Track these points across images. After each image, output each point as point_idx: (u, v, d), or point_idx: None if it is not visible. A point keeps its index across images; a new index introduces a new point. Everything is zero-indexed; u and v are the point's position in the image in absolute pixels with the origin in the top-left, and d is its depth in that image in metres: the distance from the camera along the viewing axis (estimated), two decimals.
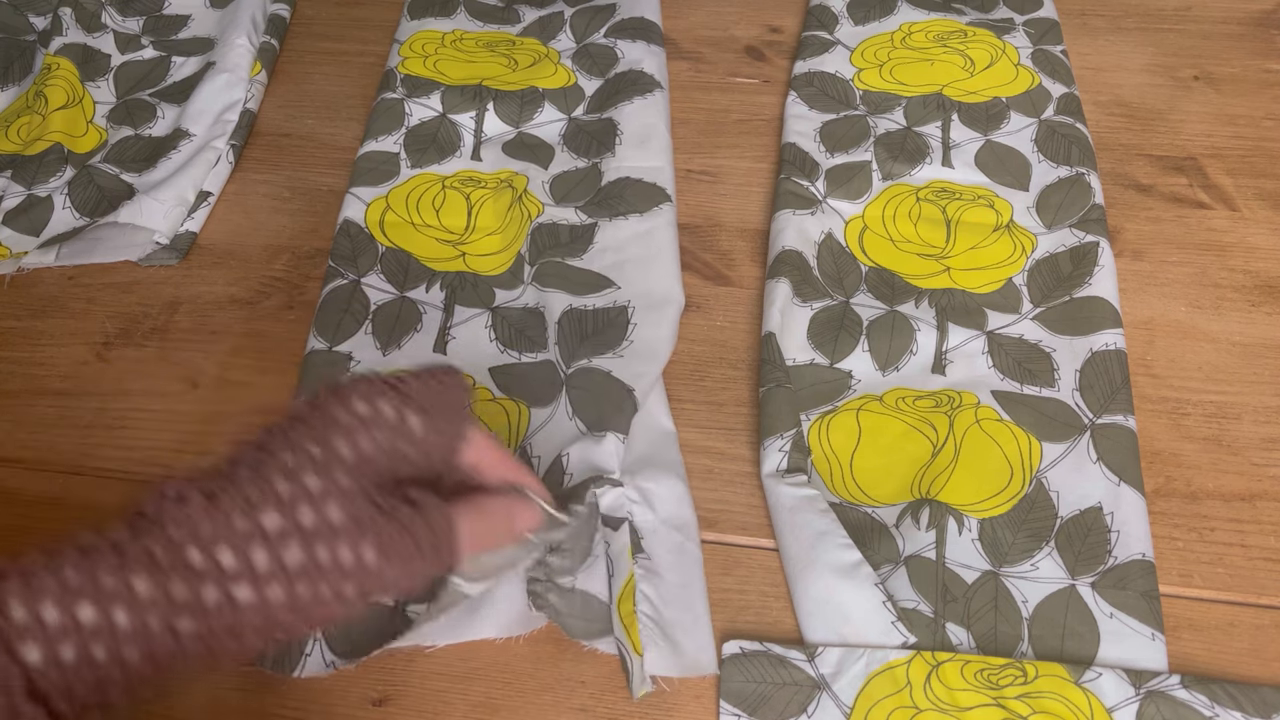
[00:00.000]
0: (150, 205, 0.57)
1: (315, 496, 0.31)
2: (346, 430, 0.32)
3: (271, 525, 0.30)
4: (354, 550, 0.31)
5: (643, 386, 0.48)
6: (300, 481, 0.31)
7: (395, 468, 0.33)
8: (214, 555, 0.29)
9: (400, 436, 0.33)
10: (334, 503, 0.31)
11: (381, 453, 0.33)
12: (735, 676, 0.41)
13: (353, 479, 0.32)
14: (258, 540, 0.30)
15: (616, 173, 0.58)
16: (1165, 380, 0.50)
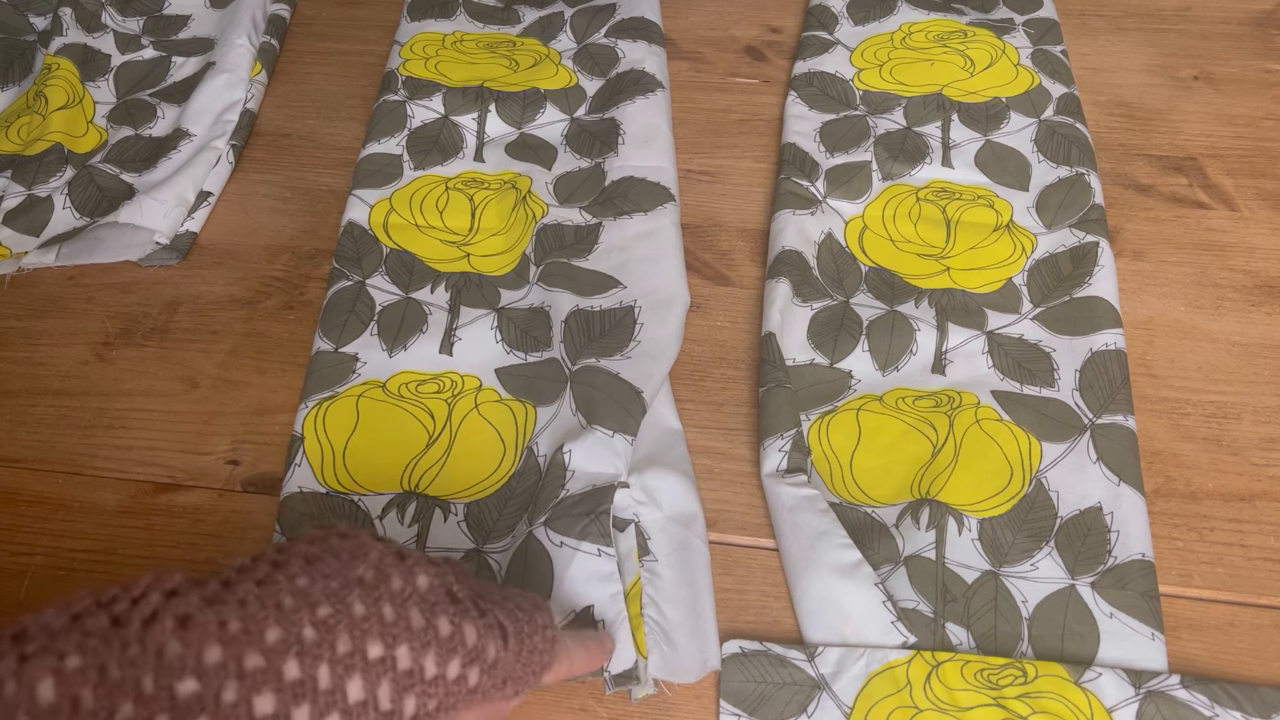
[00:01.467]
0: (150, 205, 0.57)
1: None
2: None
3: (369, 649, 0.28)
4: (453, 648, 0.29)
5: (650, 387, 0.48)
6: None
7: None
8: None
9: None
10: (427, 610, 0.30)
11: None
12: (735, 676, 0.41)
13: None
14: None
15: (620, 172, 0.58)
16: (1165, 380, 0.50)
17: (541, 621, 0.33)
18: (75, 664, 0.24)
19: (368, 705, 0.27)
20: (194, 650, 0.26)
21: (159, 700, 0.25)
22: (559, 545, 0.43)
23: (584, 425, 0.47)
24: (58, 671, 0.24)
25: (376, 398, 0.50)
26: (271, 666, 0.26)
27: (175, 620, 0.26)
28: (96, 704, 0.24)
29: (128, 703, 0.24)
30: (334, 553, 0.30)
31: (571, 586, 0.42)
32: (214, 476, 0.49)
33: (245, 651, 0.26)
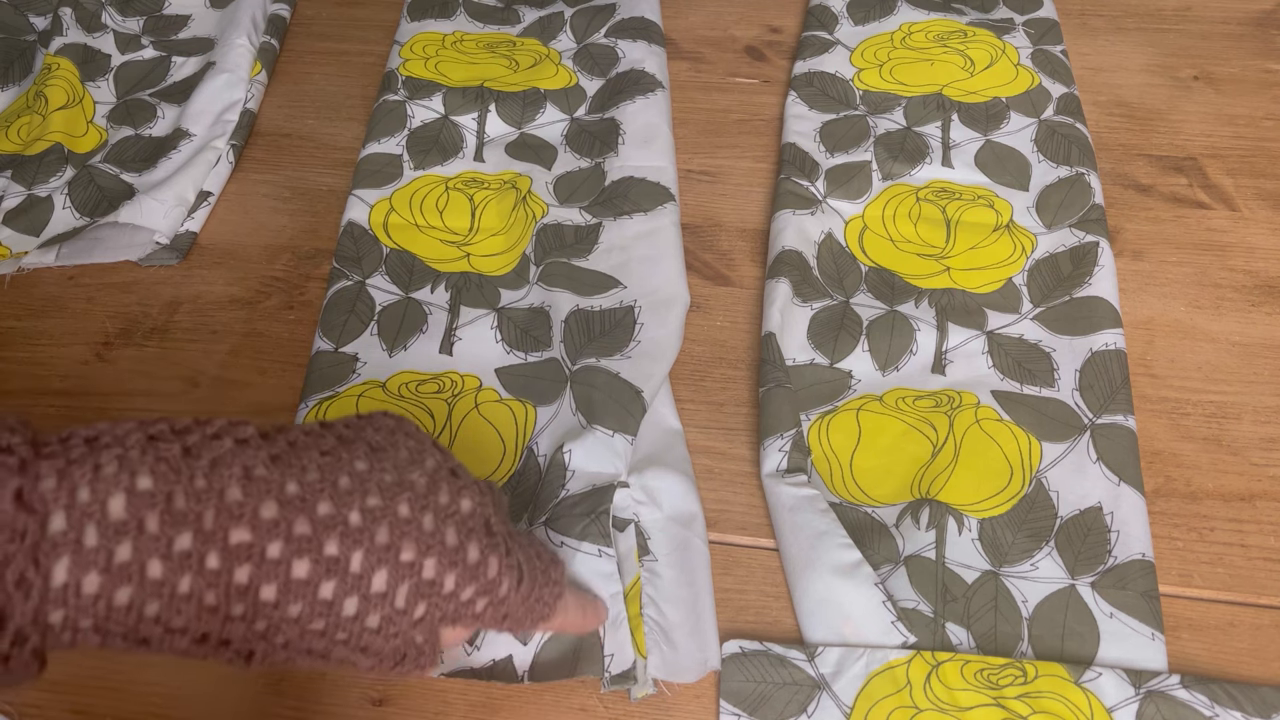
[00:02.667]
0: (150, 205, 0.57)
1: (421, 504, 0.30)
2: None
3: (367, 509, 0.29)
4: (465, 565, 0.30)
5: (650, 387, 0.48)
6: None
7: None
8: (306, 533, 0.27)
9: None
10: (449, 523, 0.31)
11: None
12: (735, 676, 0.41)
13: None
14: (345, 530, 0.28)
15: (620, 172, 0.58)
16: (1165, 380, 0.50)
17: (554, 576, 0.35)
18: (146, 486, 0.26)
19: (385, 598, 0.29)
20: (253, 503, 0.27)
21: (214, 540, 0.26)
22: (559, 545, 0.43)
23: (584, 425, 0.47)
24: (130, 490, 0.25)
25: (377, 398, 0.50)
26: (316, 537, 0.28)
27: (242, 469, 0.27)
28: (160, 530, 0.25)
29: (187, 534, 0.26)
30: (396, 448, 0.31)
31: None
32: None
33: (297, 517, 0.27)
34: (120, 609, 0.25)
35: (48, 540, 0.24)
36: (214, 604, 0.26)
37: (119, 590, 0.25)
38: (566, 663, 0.41)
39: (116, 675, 0.43)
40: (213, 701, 0.42)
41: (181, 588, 0.26)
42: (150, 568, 0.25)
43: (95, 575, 0.25)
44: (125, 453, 0.26)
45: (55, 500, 0.25)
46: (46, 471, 0.25)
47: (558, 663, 0.42)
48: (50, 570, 0.24)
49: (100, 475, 0.25)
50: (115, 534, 0.25)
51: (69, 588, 0.24)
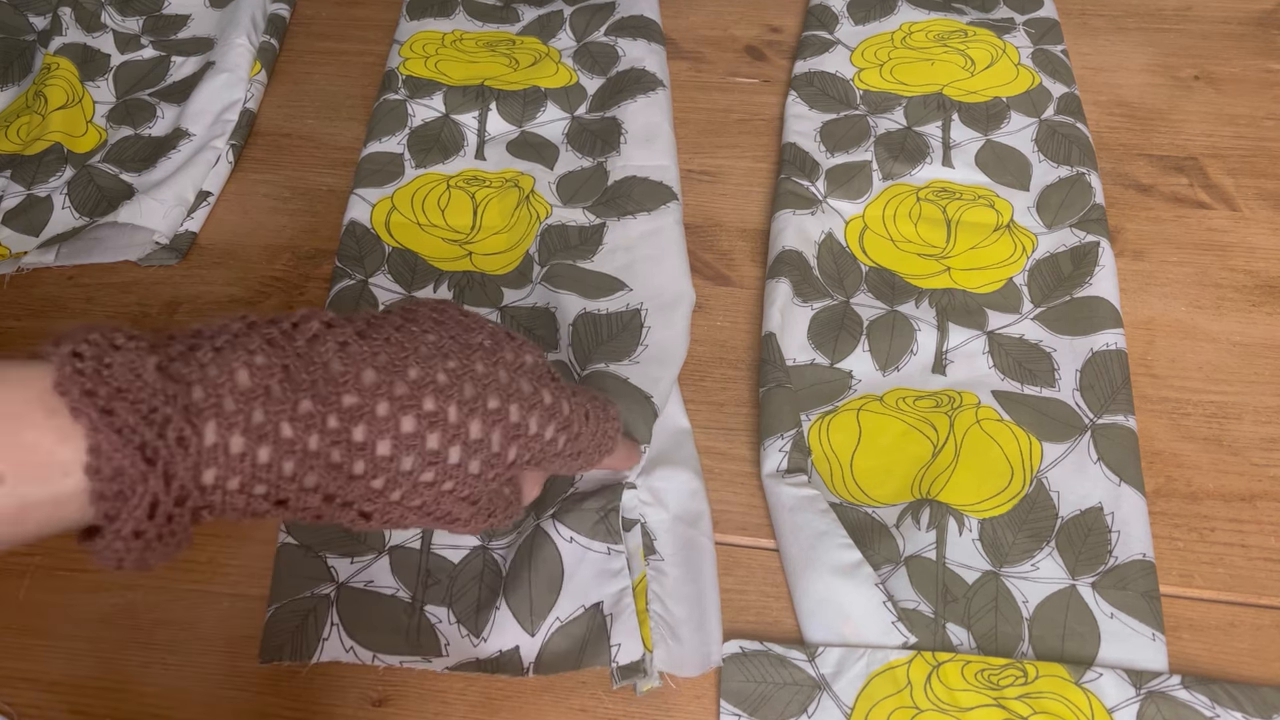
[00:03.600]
0: (150, 205, 0.57)
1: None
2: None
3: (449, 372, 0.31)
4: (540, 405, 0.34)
5: (660, 392, 0.48)
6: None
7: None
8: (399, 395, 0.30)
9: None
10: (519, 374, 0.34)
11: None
12: (736, 676, 0.41)
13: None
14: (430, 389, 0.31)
15: (623, 172, 0.58)
16: (1165, 380, 0.50)
17: (612, 413, 0.38)
18: (262, 361, 0.28)
19: (483, 444, 0.32)
20: (354, 370, 0.29)
21: (330, 403, 0.28)
22: (569, 540, 0.43)
23: None
24: (249, 364, 0.28)
25: None
26: (414, 395, 0.30)
27: (337, 344, 0.30)
28: (284, 395, 0.28)
29: (307, 399, 0.28)
30: (455, 320, 0.34)
31: (581, 583, 0.43)
32: None
33: (395, 380, 0.30)
34: (263, 466, 0.27)
35: (194, 406, 0.26)
36: (339, 461, 0.29)
37: (261, 448, 0.27)
38: (573, 654, 0.42)
39: (115, 675, 0.43)
40: (213, 702, 0.42)
41: (311, 445, 0.28)
42: (283, 428, 0.28)
43: (239, 435, 0.27)
44: (235, 337, 0.29)
45: (190, 374, 0.27)
46: (175, 352, 0.28)
47: (564, 654, 0.42)
48: (202, 431, 0.26)
49: (221, 355, 0.28)
50: (248, 400, 0.27)
51: (219, 447, 0.27)
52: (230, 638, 0.44)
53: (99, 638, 0.44)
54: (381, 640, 0.43)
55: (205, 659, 0.43)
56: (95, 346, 0.26)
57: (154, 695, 0.43)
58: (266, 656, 0.43)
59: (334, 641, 0.43)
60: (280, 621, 0.43)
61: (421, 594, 0.44)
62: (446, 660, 0.42)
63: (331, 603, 0.44)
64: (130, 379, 0.26)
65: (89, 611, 0.45)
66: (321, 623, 0.43)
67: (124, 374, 0.26)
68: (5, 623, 0.45)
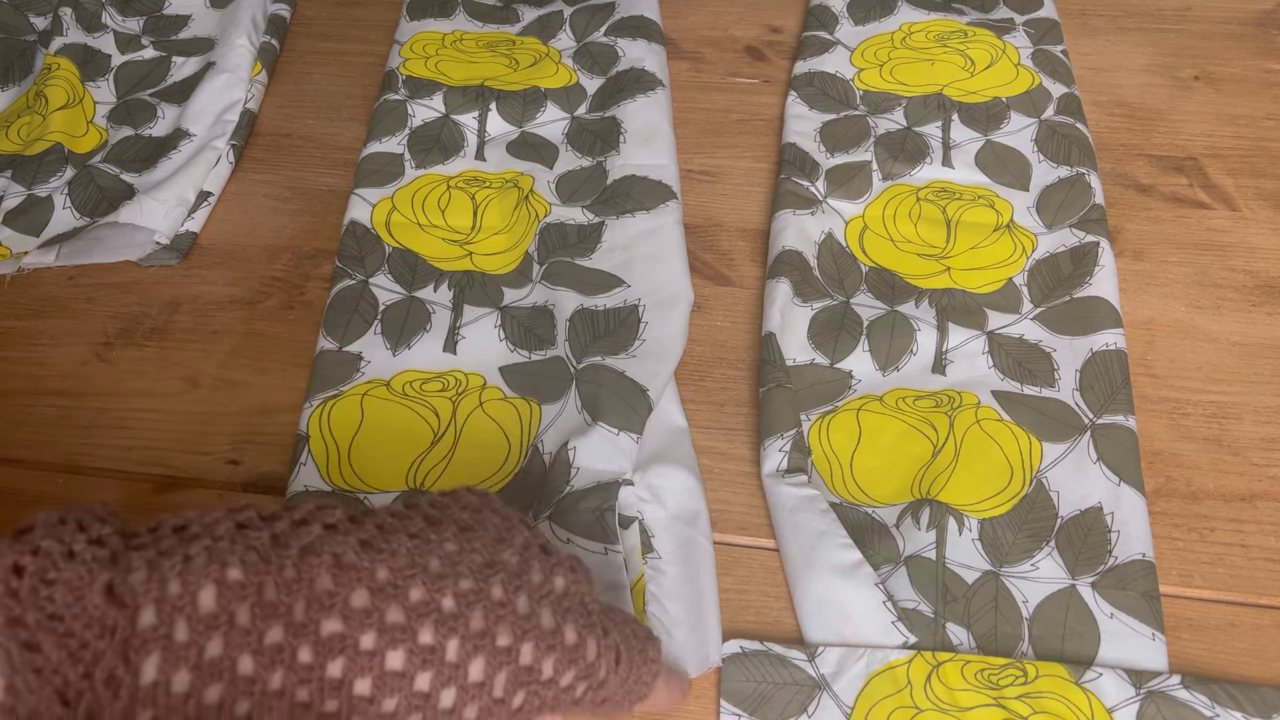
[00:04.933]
0: (150, 205, 0.57)
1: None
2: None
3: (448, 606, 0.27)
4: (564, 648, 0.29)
5: (656, 387, 0.48)
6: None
7: None
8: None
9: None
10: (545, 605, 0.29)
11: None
12: (735, 676, 0.41)
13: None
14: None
15: (622, 171, 0.58)
16: (1165, 380, 0.50)
17: (651, 655, 0.33)
18: (236, 577, 0.25)
19: (483, 688, 0.28)
20: (344, 592, 0.26)
21: (306, 632, 0.25)
22: (566, 542, 0.43)
23: (589, 423, 0.47)
24: (220, 582, 0.25)
25: (381, 396, 0.50)
26: (409, 626, 0.26)
27: (332, 556, 0.26)
28: (250, 623, 0.25)
29: (278, 627, 0.25)
30: (485, 526, 0.30)
31: None
32: (214, 476, 0.49)
33: (389, 605, 0.26)
34: (210, 708, 0.24)
35: (137, 636, 0.24)
36: (306, 700, 0.25)
37: (209, 688, 0.24)
38: None
39: None
40: None
41: (273, 684, 0.25)
42: (241, 663, 0.24)
43: (185, 673, 0.24)
44: (214, 543, 0.25)
45: (146, 593, 0.24)
46: (137, 564, 0.24)
47: None
48: (140, 667, 0.23)
49: (190, 566, 0.25)
50: (206, 628, 0.24)
51: (159, 686, 0.24)
52: None
53: None
54: None
55: None
56: (45, 558, 0.24)
57: None
58: None
59: None
60: None
61: None
62: None
63: None
64: (69, 602, 0.23)
65: None
66: None
67: (64, 596, 0.23)
68: None
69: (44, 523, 0.25)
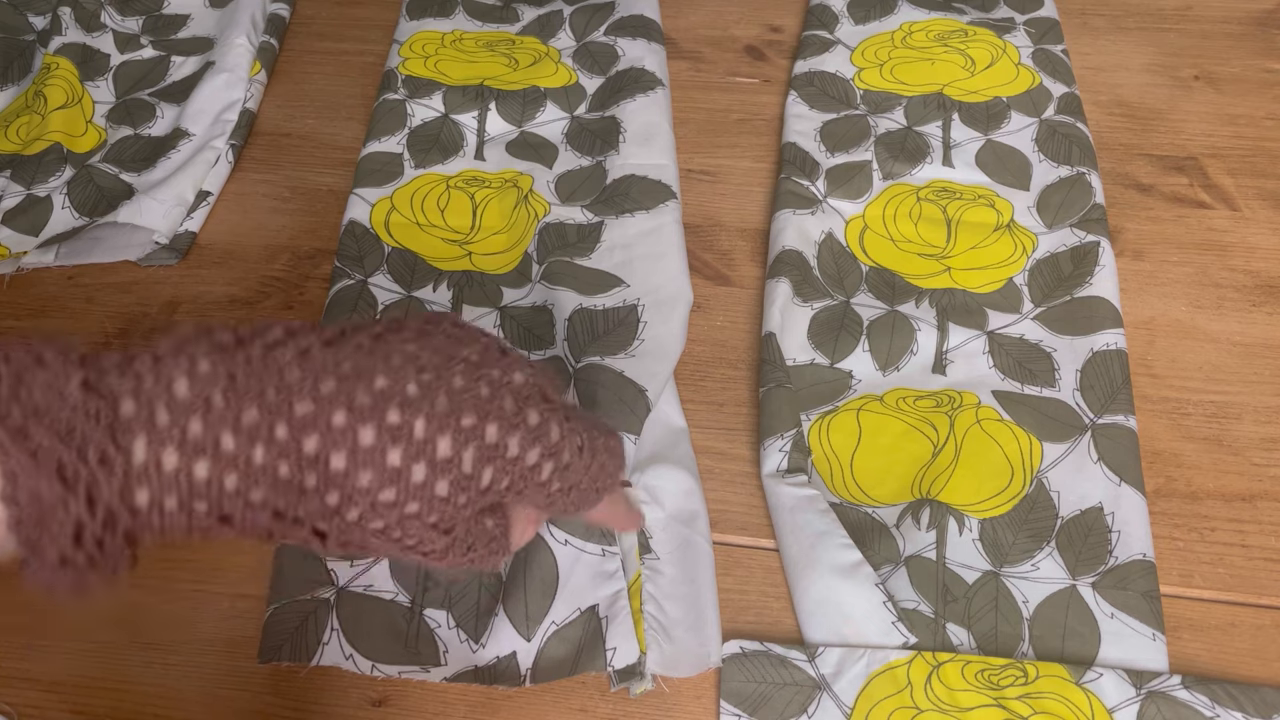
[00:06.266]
0: (149, 205, 0.57)
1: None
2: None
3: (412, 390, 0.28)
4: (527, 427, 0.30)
5: (655, 387, 0.48)
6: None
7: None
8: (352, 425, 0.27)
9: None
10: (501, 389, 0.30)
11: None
12: (736, 676, 0.41)
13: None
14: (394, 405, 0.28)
15: (621, 170, 0.58)
16: (1166, 380, 0.50)
17: (613, 446, 0.34)
18: (205, 369, 0.26)
19: (452, 463, 0.29)
20: (311, 379, 0.27)
21: (280, 412, 0.26)
22: (564, 543, 0.43)
23: None
24: (190, 373, 0.26)
25: None
26: (377, 407, 0.28)
27: (297, 350, 0.28)
28: (226, 405, 0.26)
29: (253, 408, 0.26)
30: (444, 332, 0.31)
31: (576, 586, 0.43)
32: None
33: (356, 388, 0.28)
34: (200, 483, 0.26)
35: (121, 422, 0.25)
36: (288, 475, 0.27)
37: (197, 463, 0.26)
38: (569, 660, 0.42)
39: (116, 676, 0.43)
40: (212, 702, 0.42)
41: (256, 458, 0.26)
42: (223, 440, 0.26)
43: (172, 450, 0.25)
44: (180, 343, 0.27)
45: (121, 387, 0.25)
46: (107, 364, 0.26)
47: (560, 660, 0.42)
48: (129, 448, 0.25)
49: (160, 363, 0.26)
50: (184, 412, 0.25)
51: (149, 464, 0.25)
52: (230, 638, 0.44)
53: (99, 638, 0.44)
54: (380, 648, 0.43)
55: (205, 659, 0.43)
56: (15, 365, 0.25)
57: (154, 695, 0.43)
58: (265, 656, 0.43)
59: (333, 647, 0.43)
60: (279, 621, 0.43)
61: (421, 598, 0.44)
62: (445, 670, 0.42)
63: (331, 607, 0.44)
64: (50, 397, 0.24)
65: (89, 612, 0.45)
66: (321, 626, 0.43)
67: (43, 393, 0.24)
68: (5, 623, 0.45)
69: (5, 343, 0.25)
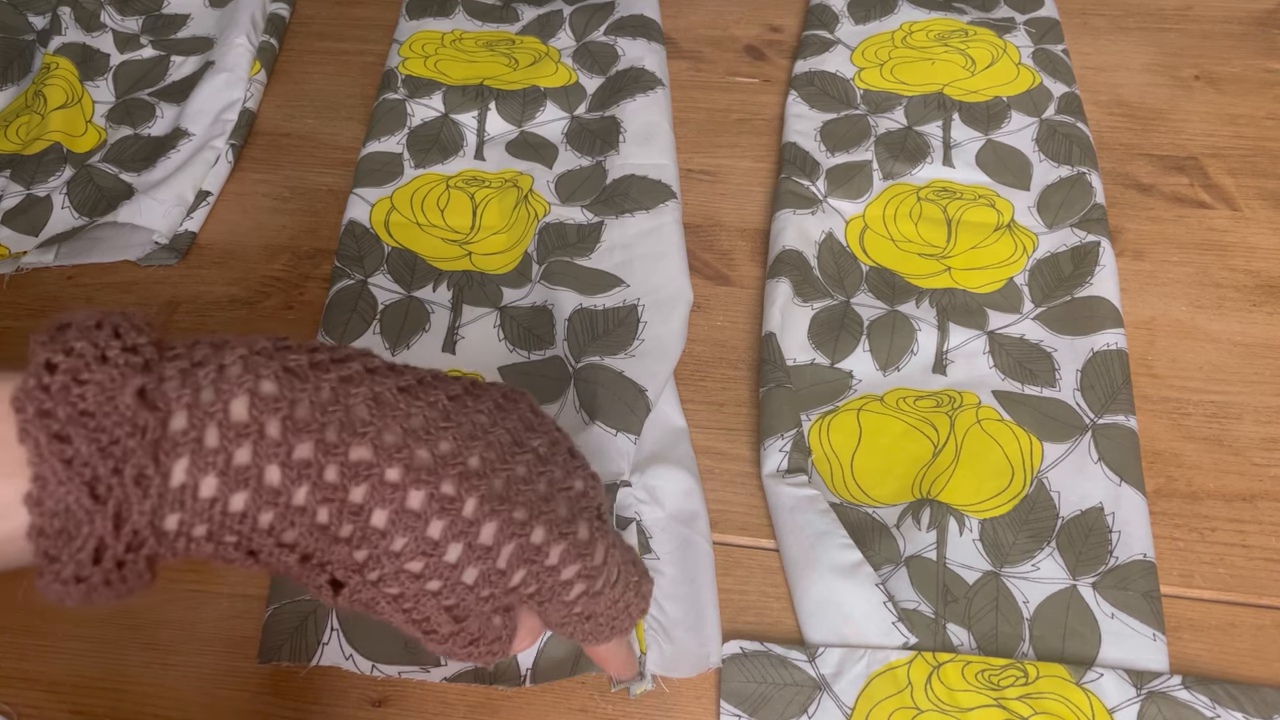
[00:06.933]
0: (149, 205, 0.57)
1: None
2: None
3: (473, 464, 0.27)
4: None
5: (655, 387, 0.48)
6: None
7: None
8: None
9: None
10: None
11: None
12: (736, 677, 0.41)
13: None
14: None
15: (621, 170, 0.58)
16: (1166, 380, 0.50)
17: (644, 590, 0.33)
18: (270, 390, 0.25)
19: (490, 553, 0.27)
20: (378, 425, 0.26)
21: (335, 453, 0.25)
22: None
23: (586, 422, 0.47)
24: (253, 393, 0.25)
25: None
26: (436, 472, 0.26)
27: (370, 391, 0.26)
28: (281, 436, 0.24)
29: (308, 443, 0.25)
30: (519, 413, 0.30)
31: None
32: None
33: (419, 448, 0.26)
34: (235, 515, 0.24)
35: (168, 439, 0.24)
36: (325, 522, 0.25)
37: (235, 495, 0.24)
38: (569, 660, 0.42)
39: (116, 676, 0.43)
40: (212, 702, 0.42)
41: (297, 499, 0.25)
42: (268, 474, 0.24)
43: (213, 478, 0.24)
44: (251, 356, 0.25)
45: (178, 399, 0.24)
46: (170, 372, 0.24)
47: (560, 660, 0.42)
48: (169, 470, 0.23)
49: (224, 376, 0.25)
50: (236, 436, 0.24)
51: (186, 489, 0.24)
52: (230, 638, 0.44)
53: (99, 638, 0.44)
54: (380, 648, 0.42)
55: (205, 659, 0.43)
56: (77, 359, 0.23)
57: (153, 695, 0.43)
58: (265, 656, 0.43)
59: (333, 647, 0.42)
60: (279, 622, 0.43)
61: None
62: (445, 670, 0.42)
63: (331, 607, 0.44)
64: (101, 401, 0.23)
65: (89, 612, 0.45)
66: (321, 626, 0.43)
67: (95, 395, 0.23)
68: (5, 623, 0.45)
69: (79, 324, 0.24)
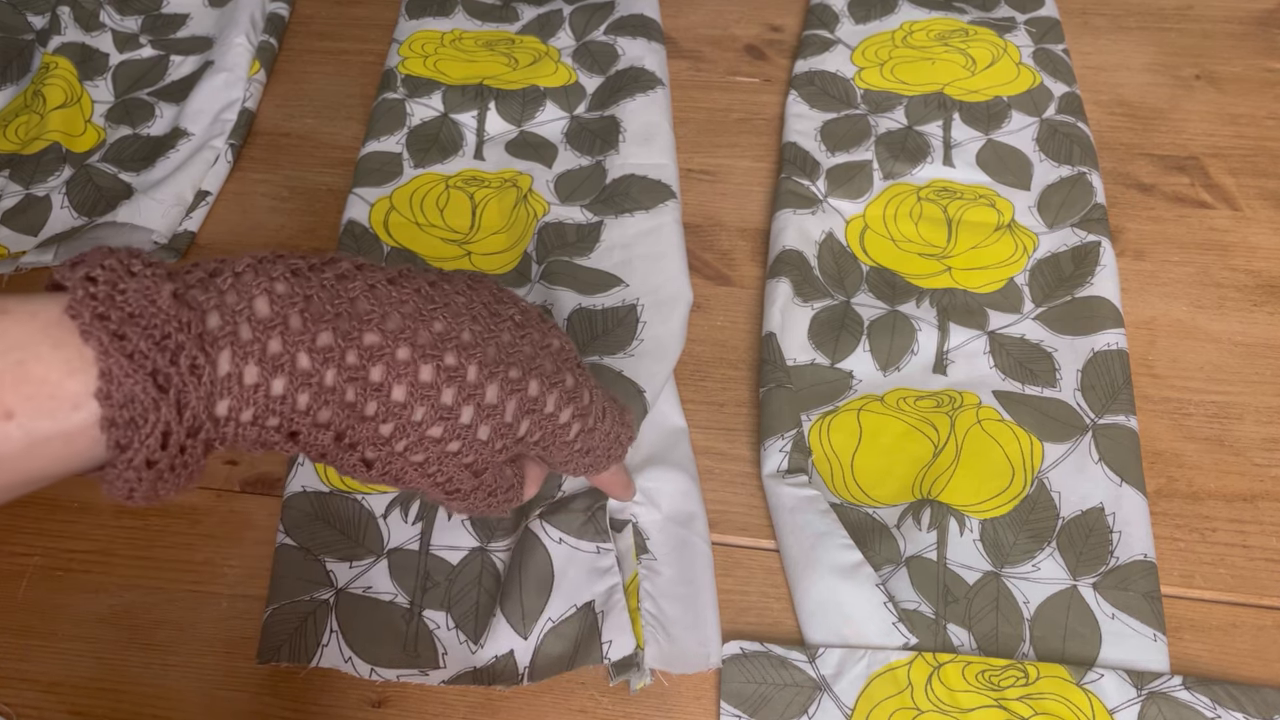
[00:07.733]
0: (148, 205, 0.56)
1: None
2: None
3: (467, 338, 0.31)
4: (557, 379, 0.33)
5: (654, 387, 0.48)
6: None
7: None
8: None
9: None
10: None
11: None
12: (736, 677, 0.41)
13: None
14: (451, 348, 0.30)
15: (621, 170, 0.57)
16: (1167, 380, 0.50)
17: (627, 420, 0.38)
18: (283, 290, 0.28)
19: (497, 410, 0.31)
20: (380, 311, 0.29)
21: (351, 339, 0.28)
22: (558, 541, 0.43)
23: None
24: (270, 292, 0.27)
25: None
26: (436, 347, 0.30)
27: (365, 284, 0.29)
28: (303, 326, 0.27)
29: (327, 331, 0.28)
30: (488, 289, 0.33)
31: (572, 583, 0.43)
32: (212, 476, 0.48)
33: (419, 327, 0.30)
34: (277, 398, 0.27)
35: (208, 334, 0.26)
36: (353, 400, 0.28)
37: (275, 379, 0.27)
38: (566, 655, 0.42)
39: (115, 676, 0.43)
40: (211, 702, 0.42)
41: (327, 380, 0.27)
42: (300, 359, 0.27)
43: (254, 366, 0.26)
44: (258, 264, 0.28)
45: (207, 302, 0.26)
46: (193, 280, 0.27)
47: (558, 656, 0.42)
48: (216, 360, 0.26)
49: (240, 281, 0.27)
50: (265, 329, 0.27)
51: (232, 376, 0.26)
52: (229, 638, 0.44)
53: (98, 638, 0.44)
54: (380, 652, 0.42)
55: (204, 660, 0.43)
56: (110, 272, 0.25)
57: (153, 696, 0.43)
58: (264, 657, 0.43)
59: (333, 649, 0.42)
60: (278, 622, 0.43)
61: (420, 598, 0.44)
62: (443, 673, 0.42)
63: (331, 609, 0.43)
64: (144, 304, 0.25)
65: (88, 612, 0.45)
66: (320, 628, 0.43)
67: (138, 299, 0.25)
68: (5, 623, 0.45)
69: (93, 256, 0.26)
